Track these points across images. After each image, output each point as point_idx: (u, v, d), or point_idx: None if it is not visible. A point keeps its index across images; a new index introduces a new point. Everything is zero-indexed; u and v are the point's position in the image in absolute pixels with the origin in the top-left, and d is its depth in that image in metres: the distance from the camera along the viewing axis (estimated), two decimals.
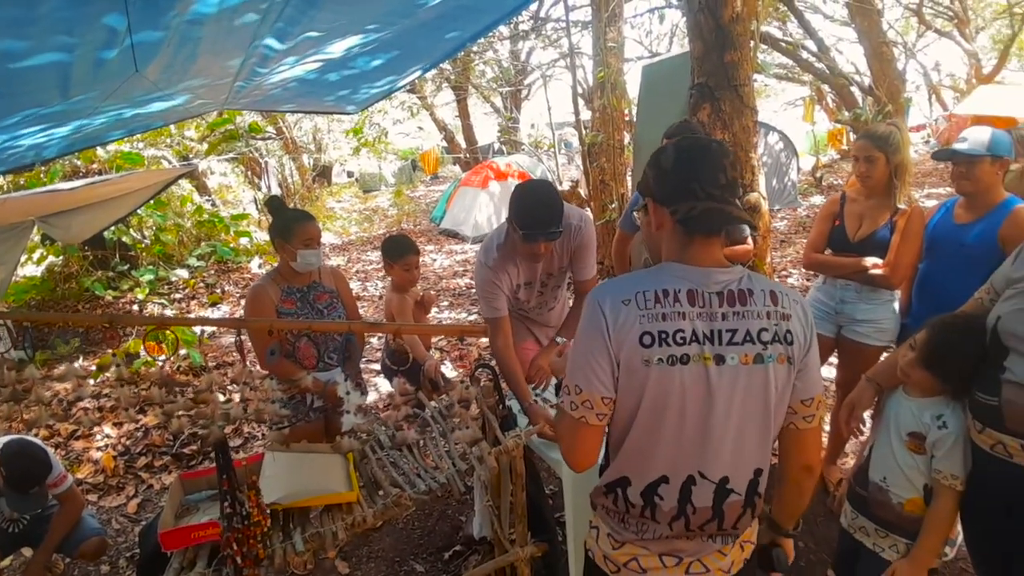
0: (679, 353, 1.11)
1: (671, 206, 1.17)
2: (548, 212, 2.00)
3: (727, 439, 1.15)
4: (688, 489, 1.18)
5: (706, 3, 3.12)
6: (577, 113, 6.14)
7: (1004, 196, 2.21)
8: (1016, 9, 18.18)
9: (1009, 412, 1.30)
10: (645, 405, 1.14)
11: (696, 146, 1.17)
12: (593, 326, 1.14)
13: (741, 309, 1.13)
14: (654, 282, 1.15)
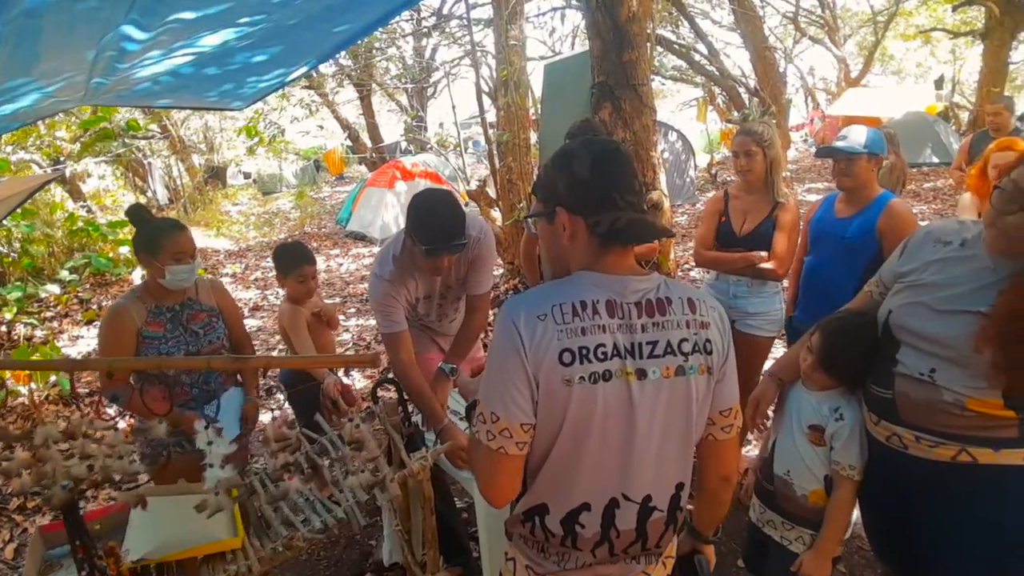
0: (601, 370, 1.03)
1: (590, 217, 1.07)
2: (451, 225, 1.90)
3: (650, 457, 1.09)
4: (611, 513, 1.11)
5: (603, 2, 3.12)
6: (482, 111, 6.06)
7: (879, 191, 2.35)
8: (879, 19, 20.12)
9: (902, 404, 1.34)
10: (566, 428, 1.05)
11: (609, 151, 1.09)
12: (508, 346, 1.03)
13: (661, 319, 1.07)
14: (570, 293, 1.06)
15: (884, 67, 26.16)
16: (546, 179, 1.13)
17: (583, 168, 1.07)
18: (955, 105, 17.42)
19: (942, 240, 1.39)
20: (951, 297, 1.28)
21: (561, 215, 1.09)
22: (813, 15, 20.87)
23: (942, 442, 1.29)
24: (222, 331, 2.14)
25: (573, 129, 2.71)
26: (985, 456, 1.25)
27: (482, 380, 1.10)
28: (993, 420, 1.23)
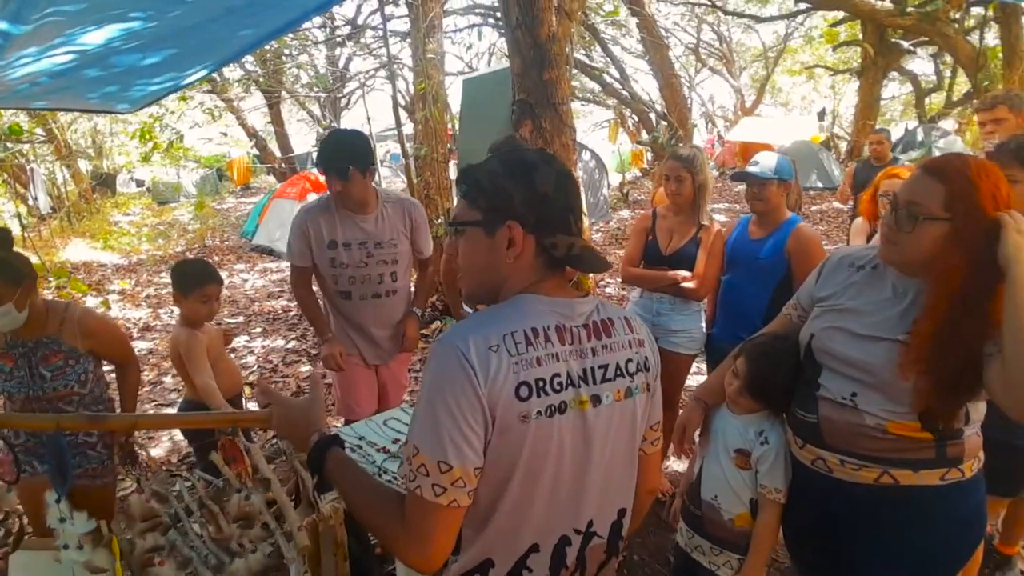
0: (557, 402, 0.95)
1: (547, 238, 1.00)
2: (337, 147, 2.22)
3: (603, 485, 1.03)
4: (562, 551, 1.03)
5: (523, 20, 3.11)
6: (399, 125, 5.92)
7: (788, 215, 2.46)
8: (769, 54, 21.82)
9: (827, 428, 1.35)
10: (521, 470, 0.95)
11: (567, 170, 1.03)
12: (459, 381, 0.91)
13: (608, 341, 1.02)
14: (519, 320, 0.97)
15: (774, 98, 28.39)
16: (495, 187, 1.00)
17: (547, 184, 0.99)
18: (835, 135, 19.12)
19: (855, 264, 1.43)
20: (871, 324, 1.31)
21: (514, 230, 0.99)
22: (712, 47, 22.39)
23: (865, 465, 1.31)
24: (76, 377, 1.86)
25: (497, 144, 2.66)
26: (906, 477, 1.28)
27: (417, 426, 0.95)
28: (912, 443, 1.27)
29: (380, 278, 2.45)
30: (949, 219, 1.18)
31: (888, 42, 12.59)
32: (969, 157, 1.27)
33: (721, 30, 21.74)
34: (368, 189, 2.37)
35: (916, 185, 1.24)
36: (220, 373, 2.26)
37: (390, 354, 2.63)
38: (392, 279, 2.49)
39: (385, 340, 2.59)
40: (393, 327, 2.59)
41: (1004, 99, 2.75)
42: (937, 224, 1.19)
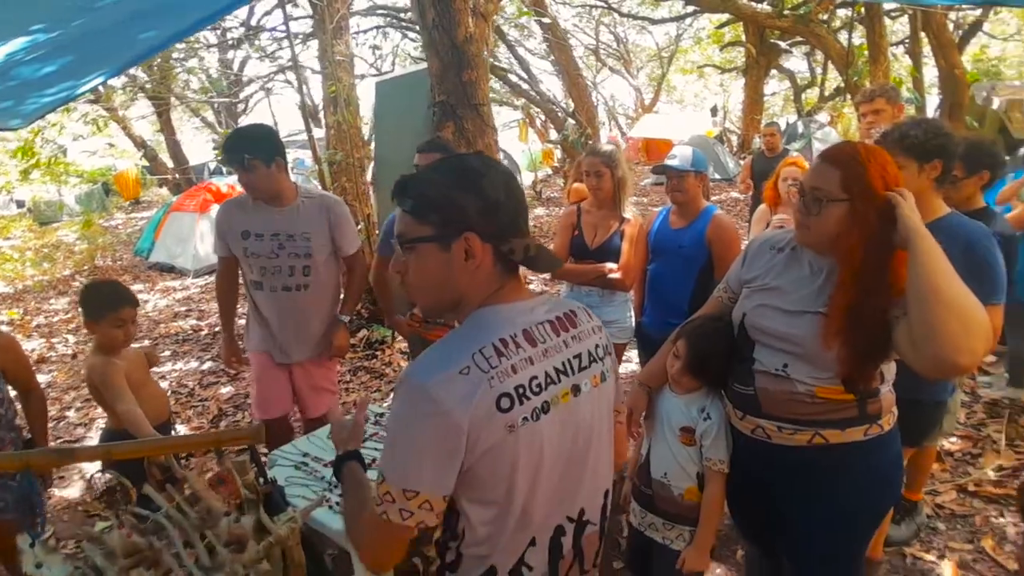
0: (540, 403, 0.97)
1: (504, 244, 1.00)
2: (237, 138, 2.37)
3: (590, 470, 1.06)
4: (558, 542, 1.04)
5: (439, 21, 3.11)
6: (309, 130, 5.71)
7: (705, 204, 2.62)
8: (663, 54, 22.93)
9: (763, 398, 1.47)
10: (519, 477, 0.96)
11: (509, 172, 1.04)
12: (424, 414, 0.91)
13: (576, 332, 1.06)
14: (485, 335, 0.97)
15: (670, 96, 29.86)
16: (446, 199, 0.98)
17: (496, 190, 0.99)
18: (727, 130, 20.42)
19: (776, 247, 1.56)
20: (794, 300, 1.43)
21: (471, 241, 0.97)
22: (610, 48, 23.24)
23: (799, 429, 1.43)
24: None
25: (424, 146, 2.64)
26: (835, 436, 1.41)
27: (385, 456, 0.96)
28: (838, 404, 1.40)
29: (291, 271, 2.46)
30: (847, 199, 1.32)
31: (768, 42, 13.62)
32: (858, 144, 1.42)
33: (618, 31, 22.61)
34: (277, 180, 2.40)
35: (817, 173, 1.38)
36: (145, 400, 2.10)
37: (301, 355, 2.58)
38: (304, 273, 2.48)
39: (292, 340, 2.55)
40: (305, 327, 2.55)
41: (882, 92, 3.07)
42: (838, 205, 1.32)
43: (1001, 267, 1.71)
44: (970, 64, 15.50)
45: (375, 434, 2.25)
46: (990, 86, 11.09)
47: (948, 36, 9.64)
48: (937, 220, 1.81)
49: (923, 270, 1.21)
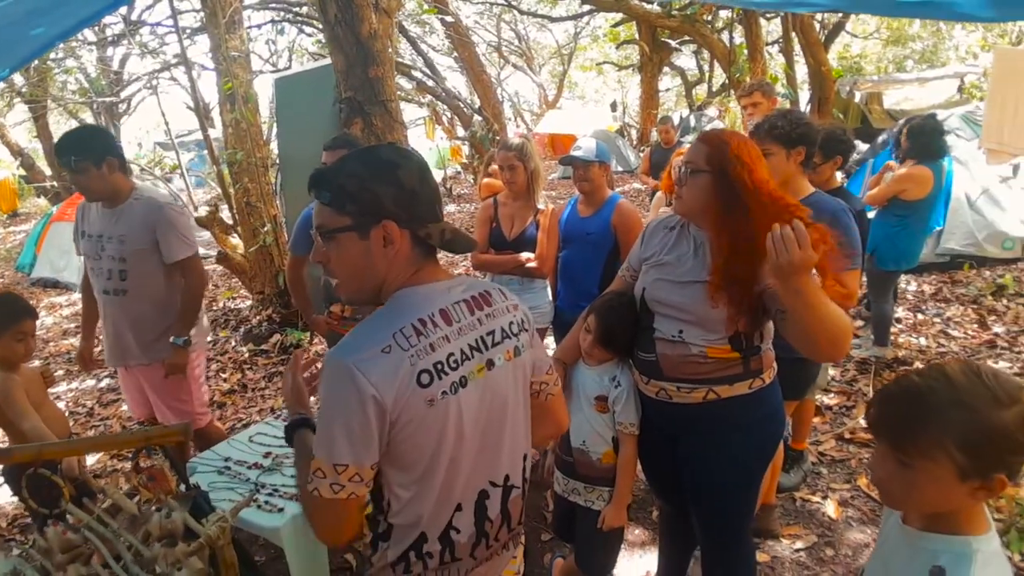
0: (457, 378, 1.04)
1: (421, 229, 1.07)
2: (65, 141, 2.31)
3: (509, 437, 1.14)
4: (482, 505, 1.12)
5: (342, 17, 3.10)
6: (204, 128, 5.44)
7: (609, 193, 2.79)
8: (563, 52, 23.52)
9: (664, 363, 1.63)
10: (443, 448, 1.04)
11: (423, 161, 1.11)
12: (350, 391, 0.97)
13: (489, 310, 1.13)
14: (404, 316, 1.04)
15: (572, 92, 30.72)
16: (363, 190, 1.04)
17: (412, 179, 1.06)
18: (626, 124, 21.32)
19: (667, 227, 1.74)
20: (683, 272, 1.61)
21: (389, 228, 1.04)
22: (512, 45, 23.56)
23: (695, 387, 1.61)
24: None
25: (332, 143, 2.63)
26: (725, 391, 1.60)
27: (317, 436, 1.02)
28: (726, 363, 1.58)
29: (109, 274, 2.44)
30: (710, 171, 1.51)
31: (660, 41, 14.36)
32: (725, 129, 1.63)
33: (519, 29, 22.95)
34: (109, 181, 2.36)
35: (691, 149, 1.59)
36: (45, 420, 1.98)
37: (130, 360, 2.54)
38: (121, 278, 2.43)
39: (115, 344, 2.53)
40: (124, 334, 2.49)
41: (758, 86, 3.39)
42: (703, 175, 1.52)
43: (857, 238, 1.98)
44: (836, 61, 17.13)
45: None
46: (852, 81, 12.34)
47: (815, 36, 10.60)
48: (804, 199, 2.06)
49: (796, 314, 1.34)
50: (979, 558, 0.89)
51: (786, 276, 1.29)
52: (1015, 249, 5.40)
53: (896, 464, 0.93)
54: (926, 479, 0.90)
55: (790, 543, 2.48)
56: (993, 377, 0.89)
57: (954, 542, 0.92)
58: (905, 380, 0.96)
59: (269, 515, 1.79)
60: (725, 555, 1.78)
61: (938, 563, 0.91)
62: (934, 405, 0.89)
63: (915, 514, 0.99)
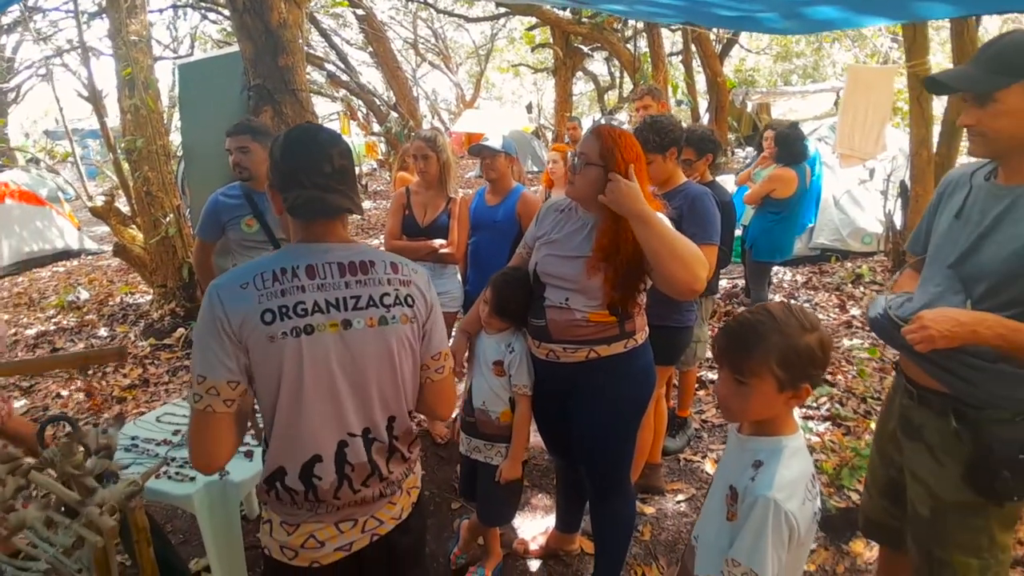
0: (302, 324, 1.17)
1: (283, 193, 1.22)
2: None
3: (366, 396, 1.24)
4: (342, 454, 1.23)
5: (251, 5, 3.11)
6: (100, 116, 5.18)
7: (514, 184, 3.00)
8: (480, 52, 23.71)
9: (552, 327, 1.84)
10: (284, 383, 1.17)
11: (304, 136, 1.23)
12: (211, 314, 1.15)
13: (363, 278, 1.25)
14: (271, 264, 1.20)
15: (489, 92, 31.01)
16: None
17: (278, 151, 1.23)
18: (542, 126, 21.85)
19: (558, 209, 1.95)
20: (570, 248, 1.82)
21: (270, 191, 1.26)
22: (429, 43, 23.50)
23: (578, 347, 1.82)
24: None
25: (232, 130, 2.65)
26: (604, 350, 1.82)
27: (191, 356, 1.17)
28: (604, 326, 1.81)
29: None
30: (602, 165, 1.73)
31: (572, 46, 14.85)
32: (616, 128, 1.86)
33: (436, 27, 22.93)
34: None
35: (585, 141, 1.80)
36: None
37: None
38: None
39: None
40: None
41: (648, 91, 3.73)
42: (595, 168, 1.74)
43: (714, 216, 2.28)
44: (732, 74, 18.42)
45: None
46: (744, 91, 13.38)
47: (711, 48, 11.42)
48: (677, 187, 2.37)
49: (645, 241, 1.62)
50: (787, 452, 1.17)
51: (622, 205, 1.61)
52: (872, 244, 6.15)
53: (734, 384, 1.18)
54: (755, 393, 1.16)
55: (673, 496, 2.79)
56: (801, 312, 1.18)
57: (771, 441, 1.19)
58: (740, 318, 1.22)
59: (180, 483, 1.84)
60: (607, 499, 2.02)
61: (758, 458, 1.17)
62: (761, 334, 1.15)
63: (746, 424, 1.25)
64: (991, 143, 1.34)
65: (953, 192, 1.50)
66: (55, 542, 1.45)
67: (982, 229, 1.36)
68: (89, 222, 11.11)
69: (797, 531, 1.12)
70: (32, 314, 6.28)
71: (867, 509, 1.81)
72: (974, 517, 1.41)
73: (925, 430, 1.48)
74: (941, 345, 1.25)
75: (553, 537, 2.43)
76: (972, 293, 1.35)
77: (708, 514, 1.31)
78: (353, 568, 1.29)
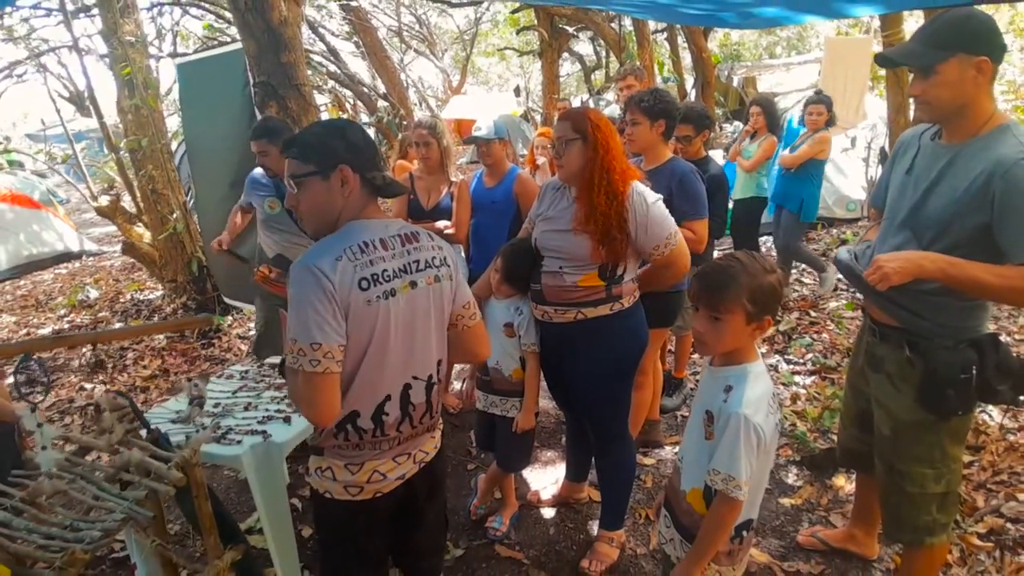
0: (389, 288, 1.38)
1: (367, 173, 1.41)
2: None
3: (427, 344, 1.49)
4: (406, 395, 1.46)
5: (253, 4, 3.26)
6: (100, 116, 5.30)
7: (509, 166, 3.18)
8: (465, 37, 23.62)
9: (547, 291, 2.05)
10: (375, 338, 1.37)
11: (363, 128, 1.45)
12: (318, 285, 1.29)
13: (416, 245, 1.47)
14: (352, 239, 1.37)
15: (476, 78, 30.88)
16: (322, 144, 1.39)
17: (357, 136, 1.41)
18: (531, 109, 21.88)
19: (554, 188, 2.15)
20: (562, 222, 2.01)
21: (344, 171, 1.38)
22: (414, 30, 23.40)
23: (568, 309, 2.03)
24: None
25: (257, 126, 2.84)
26: (591, 312, 2.02)
27: (292, 326, 1.32)
28: (592, 290, 2.00)
29: None
30: (577, 136, 1.93)
31: (558, 27, 14.91)
32: (580, 107, 2.07)
33: (419, 14, 22.83)
34: None
35: (557, 128, 2.01)
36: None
37: None
38: None
39: None
40: None
41: (631, 71, 3.90)
42: (574, 142, 1.94)
43: (701, 192, 2.47)
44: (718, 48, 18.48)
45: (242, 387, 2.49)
46: (729, 66, 13.50)
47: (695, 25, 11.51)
48: (664, 163, 2.55)
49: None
50: (751, 376, 1.38)
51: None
52: (856, 210, 6.37)
53: (710, 320, 1.39)
54: (728, 326, 1.37)
55: (671, 449, 3.02)
56: (762, 257, 1.39)
57: (738, 369, 1.41)
58: (712, 264, 1.44)
59: (229, 447, 2.04)
60: (609, 447, 2.24)
61: (728, 383, 1.39)
62: (733, 276, 1.37)
63: (717, 358, 1.46)
64: (934, 110, 1.54)
65: (905, 151, 1.70)
66: (128, 496, 1.67)
67: (927, 183, 1.56)
68: (84, 224, 11.21)
69: (763, 439, 1.34)
70: (42, 315, 6.43)
71: (842, 439, 2.04)
72: (927, 433, 1.64)
73: (886, 361, 1.70)
74: (895, 281, 1.46)
75: (564, 487, 2.66)
76: (922, 239, 1.56)
77: (689, 437, 1.53)
78: (404, 491, 1.53)
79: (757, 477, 1.40)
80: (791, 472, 2.75)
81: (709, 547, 1.41)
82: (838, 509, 2.50)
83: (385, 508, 1.52)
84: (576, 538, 2.48)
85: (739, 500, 1.34)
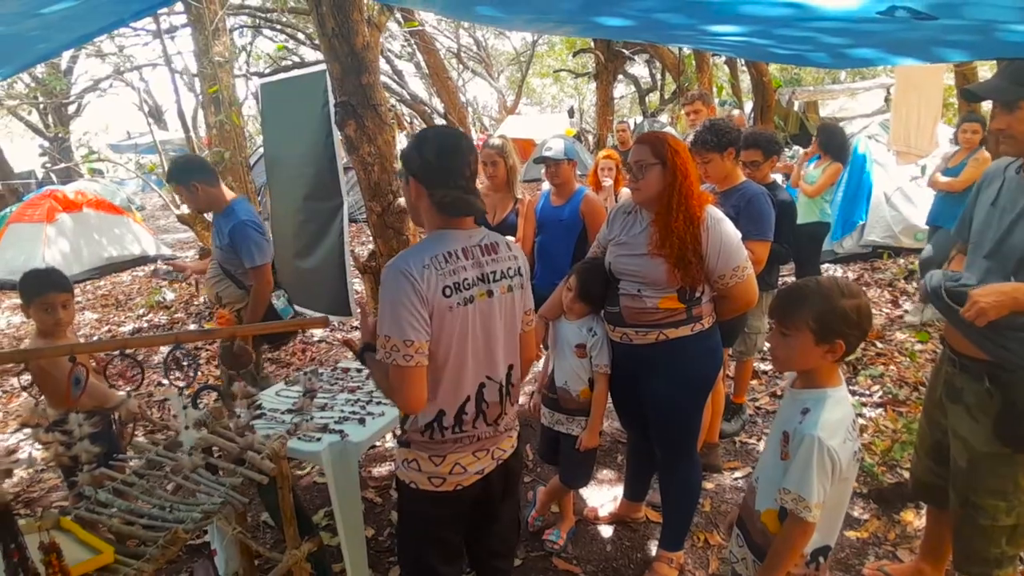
0: (468, 295, 1.49)
1: (430, 189, 1.49)
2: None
3: (500, 349, 1.58)
4: (480, 393, 1.56)
5: (339, 31, 3.46)
6: (187, 130, 5.68)
7: (577, 186, 3.25)
8: (521, 59, 24.06)
9: (626, 313, 2.09)
10: (456, 341, 1.47)
11: (452, 140, 1.52)
12: (412, 288, 1.40)
13: (495, 256, 1.57)
14: (438, 247, 1.48)
15: (530, 99, 31.33)
16: (406, 154, 1.53)
17: (431, 152, 1.49)
18: (583, 130, 22.03)
19: (625, 211, 2.20)
20: (637, 245, 2.05)
21: (411, 183, 1.51)
22: (472, 52, 23.99)
23: (649, 331, 2.06)
24: None
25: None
26: (672, 333, 2.05)
27: (384, 324, 1.43)
28: (672, 311, 2.04)
29: None
30: (657, 162, 1.97)
31: (614, 50, 15.04)
32: (659, 131, 2.11)
33: (478, 36, 23.41)
34: None
35: (635, 151, 2.04)
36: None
37: None
38: None
39: None
40: None
41: (699, 96, 3.94)
42: (653, 167, 1.98)
43: (769, 215, 2.49)
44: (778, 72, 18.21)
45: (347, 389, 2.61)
46: (791, 91, 13.28)
47: None
48: (736, 186, 2.58)
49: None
50: (830, 400, 1.40)
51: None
52: (925, 240, 6.15)
53: (780, 335, 1.42)
54: (795, 344, 1.40)
55: (730, 474, 2.99)
56: (845, 282, 1.42)
57: (816, 392, 1.42)
58: (793, 284, 1.47)
59: (310, 443, 2.16)
60: (677, 467, 2.25)
61: (806, 406, 1.41)
62: (805, 295, 1.40)
63: (798, 380, 1.48)
64: (1018, 144, 1.55)
65: (990, 184, 1.70)
66: (224, 482, 1.80)
67: (1013, 215, 1.56)
68: (158, 231, 11.88)
69: (839, 465, 1.35)
70: (122, 313, 6.87)
71: (916, 472, 2.00)
72: (1002, 465, 1.63)
73: (965, 392, 1.69)
74: (993, 316, 1.47)
75: (622, 505, 2.67)
76: (1007, 270, 1.55)
77: (765, 458, 1.55)
78: (482, 486, 1.62)
79: (833, 503, 1.41)
80: (857, 504, 2.69)
81: (778, 567, 1.42)
82: (906, 544, 2.43)
83: (465, 501, 1.61)
84: (633, 556, 2.49)
85: (809, 522, 1.35)
